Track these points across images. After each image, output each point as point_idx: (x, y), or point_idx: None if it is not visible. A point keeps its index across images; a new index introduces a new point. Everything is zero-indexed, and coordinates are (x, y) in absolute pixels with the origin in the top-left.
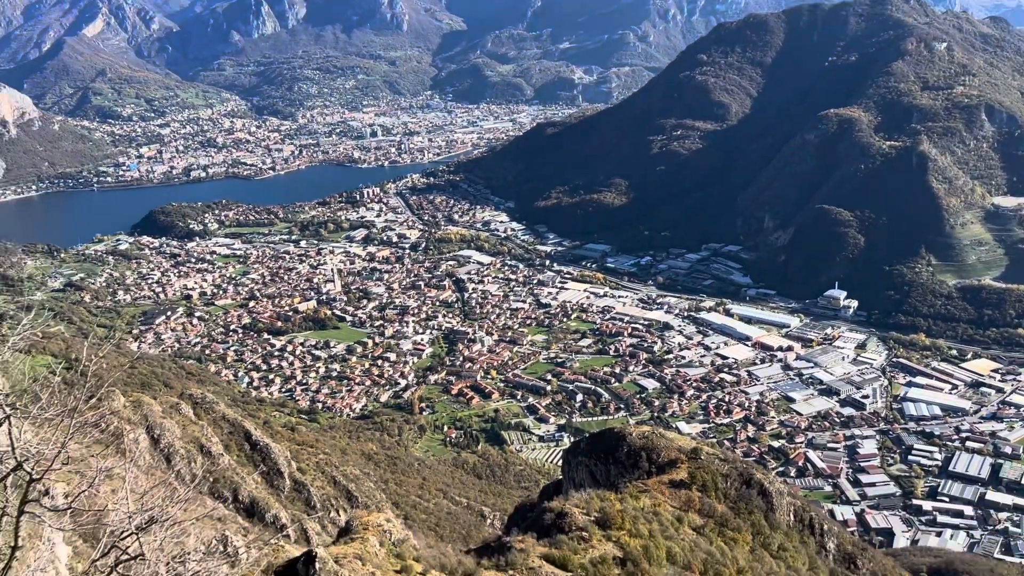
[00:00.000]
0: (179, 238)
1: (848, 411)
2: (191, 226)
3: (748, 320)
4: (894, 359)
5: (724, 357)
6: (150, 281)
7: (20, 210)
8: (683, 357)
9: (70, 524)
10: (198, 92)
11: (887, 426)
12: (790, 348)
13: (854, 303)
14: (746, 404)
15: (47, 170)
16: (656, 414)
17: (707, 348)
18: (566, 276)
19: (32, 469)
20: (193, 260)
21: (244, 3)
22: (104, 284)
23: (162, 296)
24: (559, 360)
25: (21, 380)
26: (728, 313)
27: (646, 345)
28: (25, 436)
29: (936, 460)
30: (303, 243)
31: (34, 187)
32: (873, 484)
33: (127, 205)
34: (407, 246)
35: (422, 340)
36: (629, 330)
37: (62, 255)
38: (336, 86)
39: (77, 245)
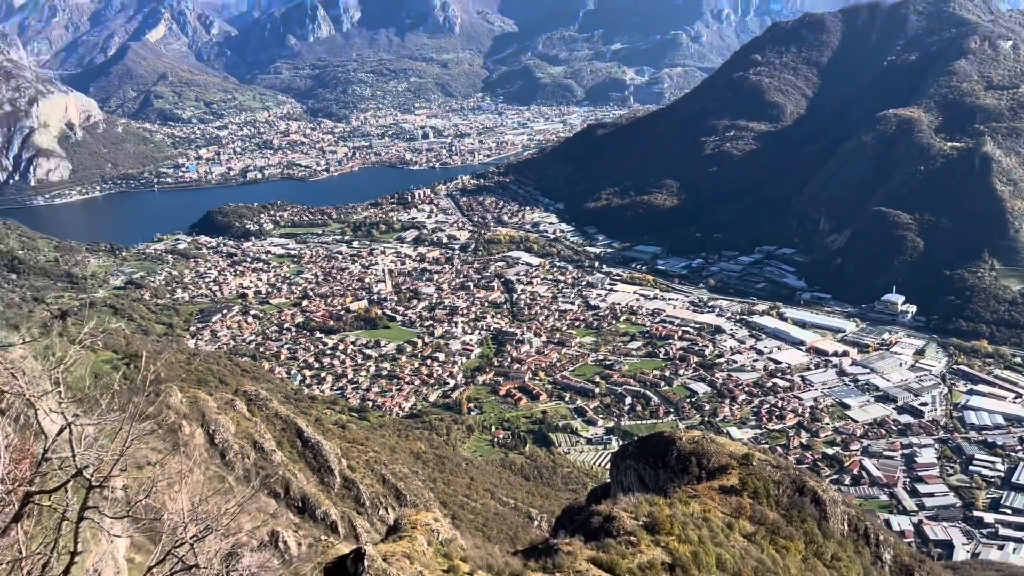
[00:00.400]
0: (235, 238)
1: (906, 419)
2: (247, 226)
3: (802, 324)
4: (954, 366)
5: (777, 362)
6: (207, 280)
7: (85, 210)
8: (735, 361)
9: (129, 528)
10: (255, 95)
11: (947, 435)
12: (845, 353)
13: (912, 308)
14: (799, 410)
15: (110, 171)
16: (707, 419)
17: (760, 352)
18: (615, 278)
19: (92, 476)
20: (249, 259)
21: (300, 8)
22: (163, 282)
23: (219, 294)
24: (608, 362)
25: (83, 379)
26: (782, 317)
27: (697, 349)
28: (86, 439)
29: (998, 471)
30: (355, 243)
31: (98, 187)
32: (932, 494)
33: (186, 205)
34: (457, 247)
35: (471, 340)
36: (679, 333)
37: (123, 254)
38: (389, 89)
39: (138, 244)
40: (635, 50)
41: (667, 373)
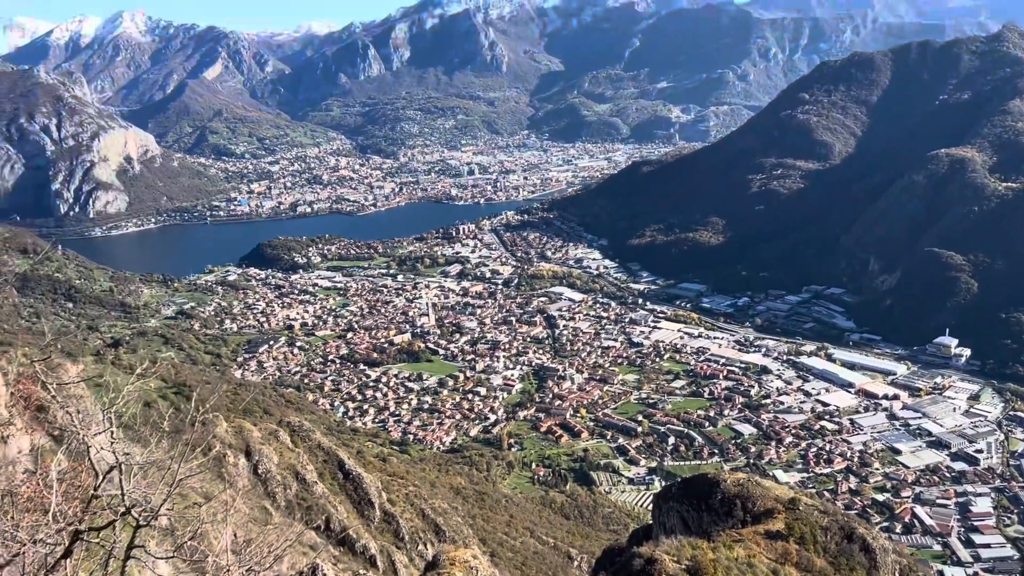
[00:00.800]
0: (284, 270)
1: (960, 466)
2: (295, 259)
3: (851, 366)
4: (1011, 412)
5: (825, 404)
6: (255, 311)
7: (140, 241)
8: (781, 402)
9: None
10: (306, 131)
11: (1003, 484)
12: (896, 397)
13: (966, 351)
14: (848, 454)
15: (165, 204)
16: (752, 461)
17: (807, 394)
18: (659, 315)
19: (140, 515)
20: (296, 292)
21: (352, 47)
22: (212, 313)
23: (266, 325)
24: (651, 401)
25: (134, 411)
26: (830, 358)
27: (742, 389)
28: (135, 477)
29: None
30: (400, 277)
31: (153, 220)
32: (988, 545)
33: (237, 238)
34: (500, 282)
35: (512, 375)
36: (724, 372)
37: (175, 284)
38: (436, 126)
39: (190, 275)
40: (681, 88)
41: (711, 413)
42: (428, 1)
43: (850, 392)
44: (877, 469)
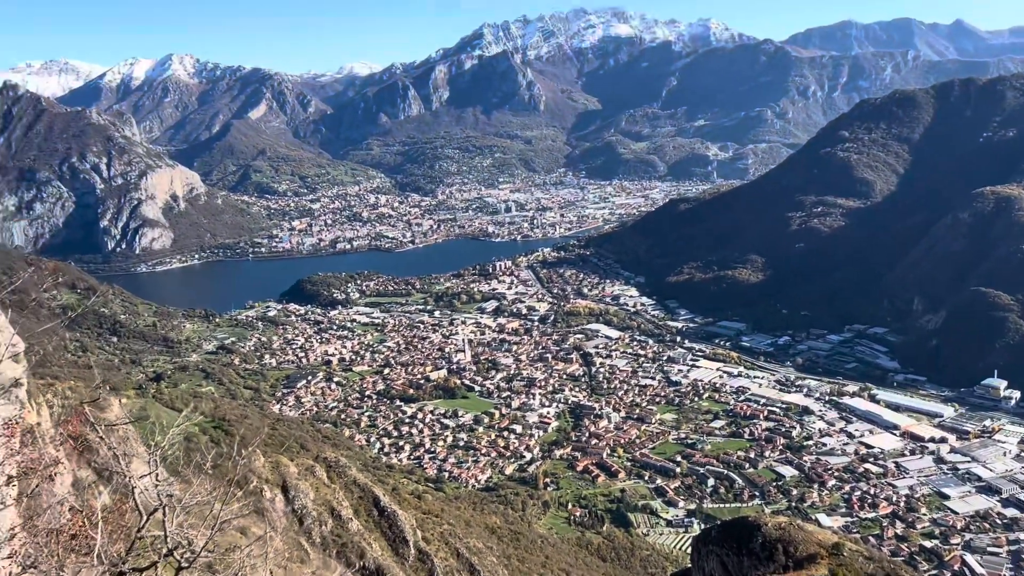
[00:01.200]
0: (323, 306)
1: (1012, 512)
2: (334, 295)
3: (896, 407)
4: None
5: (869, 446)
6: (294, 346)
7: (183, 277)
8: (824, 444)
9: None
10: (347, 170)
11: None
12: (943, 440)
13: (1016, 394)
14: (894, 498)
15: (209, 240)
16: (794, 504)
17: (850, 436)
18: (698, 354)
19: (182, 557)
20: (335, 327)
21: (392, 87)
22: (252, 348)
23: (304, 361)
24: (689, 441)
25: (178, 452)
26: (873, 399)
27: (783, 430)
28: (178, 519)
29: None
30: (437, 313)
31: (196, 256)
32: None
33: (278, 274)
34: (536, 318)
35: (548, 413)
36: (765, 413)
37: (217, 320)
38: (474, 164)
39: (231, 311)
40: (719, 126)
41: (752, 454)
42: (467, 43)
43: (895, 434)
44: (924, 514)
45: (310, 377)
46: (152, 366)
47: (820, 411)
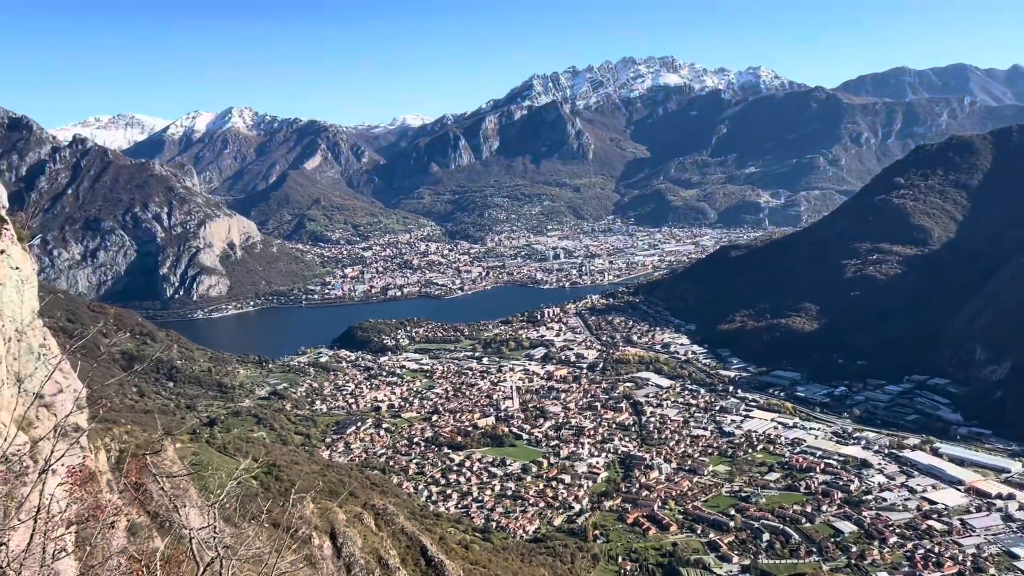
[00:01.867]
0: (373, 352)
1: None
2: (384, 341)
3: (960, 462)
4: None
5: (932, 502)
6: (344, 392)
7: (238, 323)
8: (884, 499)
9: None
10: (398, 218)
11: None
12: (1012, 496)
13: None
14: (960, 557)
15: (264, 288)
16: (853, 561)
17: (912, 491)
18: (751, 404)
19: None
20: (384, 373)
21: (444, 138)
22: (304, 394)
23: (354, 407)
24: (743, 494)
25: (233, 505)
26: (936, 453)
27: (841, 483)
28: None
29: None
30: (485, 360)
31: (251, 303)
32: None
33: (329, 321)
34: (584, 366)
35: (597, 463)
36: (822, 465)
37: (269, 366)
38: (523, 212)
39: (283, 357)
40: (770, 173)
41: (808, 508)
42: (517, 93)
43: (959, 490)
44: (993, 575)
45: (359, 423)
46: (206, 411)
47: (879, 464)
